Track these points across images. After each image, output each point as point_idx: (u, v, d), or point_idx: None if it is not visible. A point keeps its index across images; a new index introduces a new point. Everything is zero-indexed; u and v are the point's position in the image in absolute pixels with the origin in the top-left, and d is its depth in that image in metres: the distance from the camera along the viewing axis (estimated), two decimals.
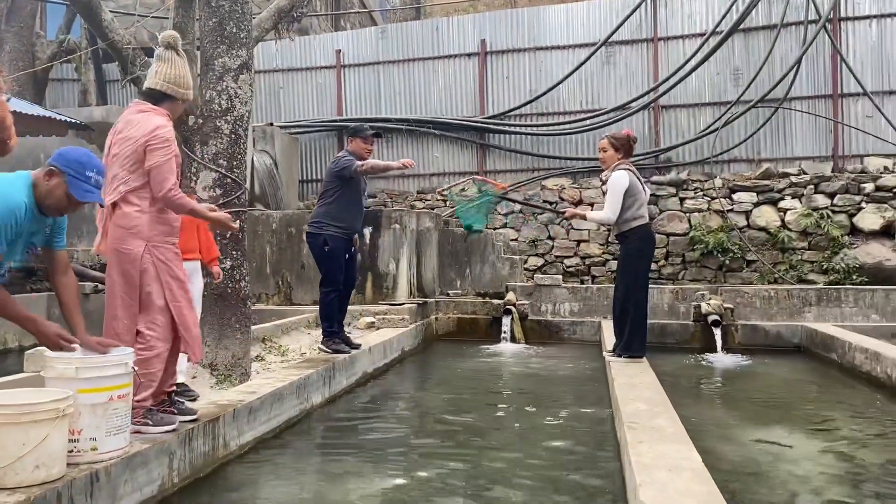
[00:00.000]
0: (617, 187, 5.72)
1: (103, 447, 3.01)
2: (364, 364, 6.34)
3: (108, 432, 3.03)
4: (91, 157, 3.19)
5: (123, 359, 3.16)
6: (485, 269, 10.61)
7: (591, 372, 6.71)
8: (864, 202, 10.84)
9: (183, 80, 3.76)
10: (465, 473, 3.78)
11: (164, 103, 3.71)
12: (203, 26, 5.34)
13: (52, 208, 3.08)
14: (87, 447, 2.98)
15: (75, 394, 2.92)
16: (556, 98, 12.65)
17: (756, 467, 3.82)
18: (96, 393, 3.03)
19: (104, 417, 3.02)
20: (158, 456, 3.30)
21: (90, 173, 3.12)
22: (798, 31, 11.61)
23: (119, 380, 3.11)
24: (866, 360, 6.30)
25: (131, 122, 3.60)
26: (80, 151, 3.19)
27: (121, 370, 3.13)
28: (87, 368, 3.03)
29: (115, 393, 3.09)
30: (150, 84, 3.74)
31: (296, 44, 13.96)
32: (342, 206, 5.96)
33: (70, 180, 3.06)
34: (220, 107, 5.19)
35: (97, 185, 3.16)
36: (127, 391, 3.16)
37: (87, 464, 2.93)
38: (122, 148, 3.56)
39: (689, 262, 11.38)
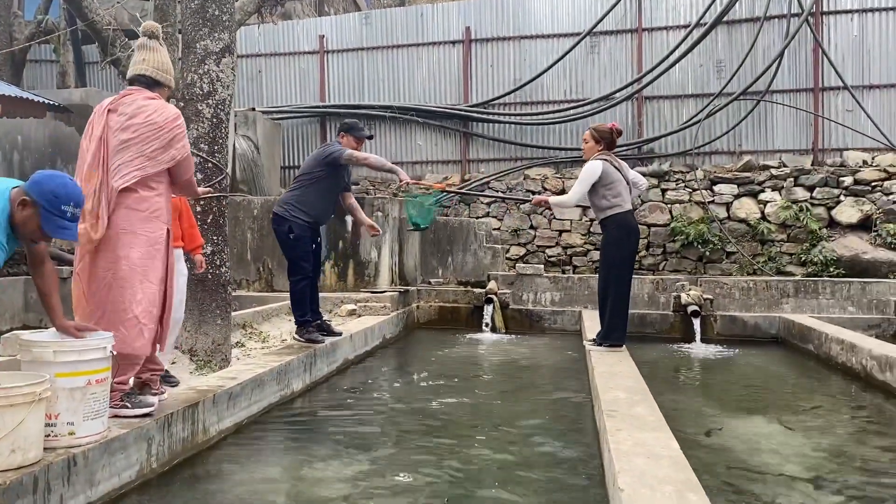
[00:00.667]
0: (585, 174, 5.85)
1: (81, 432, 2.99)
2: (345, 351, 6.33)
3: (86, 417, 3.01)
4: (68, 187, 2.95)
5: (102, 343, 3.13)
6: (467, 257, 10.62)
7: (571, 361, 6.75)
8: (843, 195, 10.96)
9: (168, 68, 3.81)
10: (443, 459, 3.80)
11: (156, 89, 3.71)
12: (185, 9, 5.27)
13: (26, 238, 2.96)
14: (65, 431, 2.95)
15: (53, 377, 2.90)
16: (540, 87, 12.65)
17: (733, 455, 3.87)
18: (74, 377, 3.00)
19: (82, 402, 3.00)
20: (137, 441, 3.28)
21: (66, 207, 2.91)
22: (781, 24, 11.67)
23: (97, 364, 3.09)
24: (842, 352, 6.39)
25: (144, 108, 3.57)
26: (56, 181, 2.93)
27: (99, 354, 3.10)
28: (64, 352, 3.00)
29: (94, 377, 3.06)
30: (140, 71, 3.73)
31: (279, 28, 13.84)
32: (317, 195, 5.82)
33: (43, 214, 2.87)
34: (202, 90, 5.13)
35: (73, 219, 2.96)
36: (105, 375, 3.14)
37: (64, 448, 2.91)
38: (138, 133, 3.53)
39: (670, 253, 11.46)
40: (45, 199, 2.88)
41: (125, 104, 3.61)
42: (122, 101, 3.64)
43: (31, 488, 2.63)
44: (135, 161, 3.51)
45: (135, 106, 3.59)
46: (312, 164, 5.91)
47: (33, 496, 2.64)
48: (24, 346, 3.06)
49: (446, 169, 13.13)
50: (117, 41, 6.09)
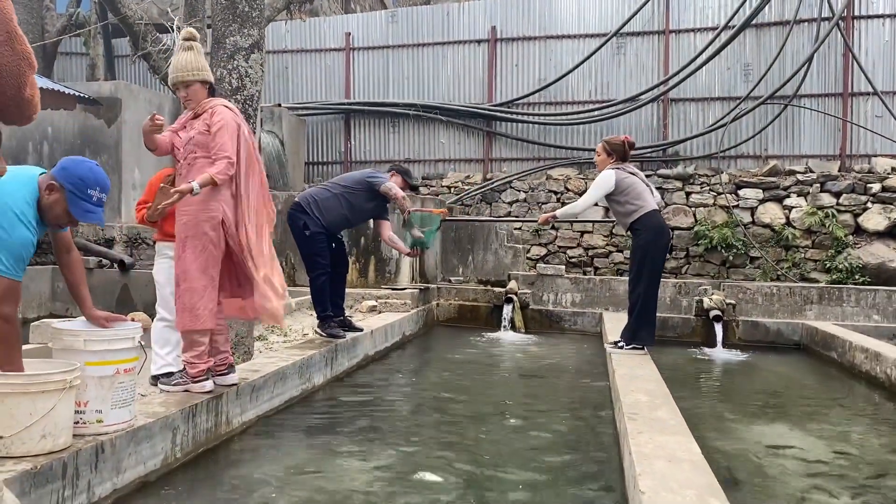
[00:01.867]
0: (597, 184, 5.92)
1: (108, 419, 3.04)
2: (366, 346, 6.37)
3: (114, 405, 3.06)
4: (95, 172, 3.02)
5: (130, 333, 3.18)
6: (487, 256, 10.63)
7: (591, 362, 6.73)
8: (870, 202, 10.82)
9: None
10: (461, 456, 3.81)
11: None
12: (215, 4, 5.32)
13: (52, 223, 3.02)
14: (93, 419, 3.01)
15: (82, 366, 2.95)
16: (565, 87, 12.61)
17: (755, 461, 3.85)
18: (103, 366, 3.06)
19: (110, 390, 3.05)
20: (162, 430, 3.33)
21: (92, 191, 2.98)
22: (810, 28, 11.54)
23: (125, 353, 3.14)
24: (866, 360, 6.32)
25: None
26: (84, 167, 3.01)
27: (128, 344, 3.15)
28: (94, 341, 3.06)
29: (122, 367, 3.12)
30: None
31: (306, 25, 13.91)
32: (342, 206, 5.93)
33: (70, 197, 2.94)
34: (231, 86, 5.18)
35: (99, 203, 3.03)
36: (133, 365, 3.19)
37: (92, 435, 2.96)
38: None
39: (693, 257, 11.38)
40: (72, 183, 2.94)
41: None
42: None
43: (60, 473, 2.68)
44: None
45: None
46: (354, 180, 6.09)
47: (62, 481, 2.69)
48: (56, 335, 3.12)
49: (468, 168, 13.14)
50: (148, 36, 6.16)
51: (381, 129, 13.49)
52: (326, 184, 6.16)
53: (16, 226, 2.79)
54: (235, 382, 4.01)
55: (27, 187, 2.90)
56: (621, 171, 5.89)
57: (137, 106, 10.75)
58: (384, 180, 5.96)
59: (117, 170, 10.43)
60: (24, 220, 2.83)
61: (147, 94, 11.27)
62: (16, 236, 2.78)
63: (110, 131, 10.53)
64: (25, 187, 2.90)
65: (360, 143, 13.62)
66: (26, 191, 2.89)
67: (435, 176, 13.16)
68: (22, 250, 2.82)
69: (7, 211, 2.79)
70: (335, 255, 6.03)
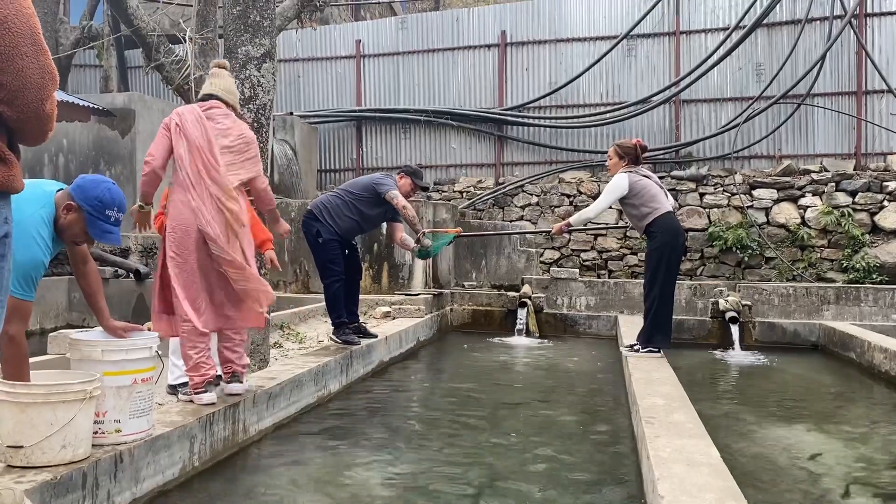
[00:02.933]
0: (611, 188, 5.86)
1: (127, 429, 3.06)
2: (380, 353, 6.38)
3: (132, 415, 3.08)
4: (112, 192, 3.03)
5: (148, 343, 3.20)
6: (500, 261, 10.62)
7: (606, 366, 6.70)
8: (887, 201, 10.74)
9: (234, 91, 4.15)
10: (478, 464, 3.81)
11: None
12: (226, 14, 5.36)
13: (69, 241, 3.04)
14: (112, 429, 3.02)
15: (101, 376, 2.97)
16: (576, 90, 12.61)
17: (774, 463, 3.82)
18: (121, 376, 3.07)
19: (128, 400, 3.07)
20: (180, 439, 3.34)
21: (110, 211, 2.99)
22: (822, 26, 11.49)
23: (143, 363, 3.16)
24: (885, 360, 6.25)
25: (238, 123, 3.97)
26: (101, 187, 3.01)
27: (145, 354, 3.17)
28: (112, 351, 3.07)
29: (140, 376, 3.13)
30: (210, 91, 4.01)
31: (317, 33, 14.00)
32: (353, 213, 5.93)
33: (88, 218, 2.94)
34: (243, 95, 5.21)
35: (117, 223, 3.04)
36: (150, 374, 3.21)
37: (111, 445, 2.98)
38: (235, 143, 3.89)
39: (708, 258, 11.33)
40: (91, 205, 2.95)
41: (218, 114, 3.90)
42: (213, 111, 3.90)
43: (80, 484, 2.70)
44: (233, 166, 3.84)
45: (231, 119, 3.94)
46: (363, 186, 6.03)
47: (82, 491, 2.71)
48: (74, 345, 3.14)
49: (480, 172, 13.15)
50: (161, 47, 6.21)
51: (393, 136, 13.54)
52: (337, 190, 6.17)
53: (31, 247, 2.81)
54: (237, 392, 3.93)
55: (45, 207, 2.91)
56: (634, 175, 5.86)
57: (151, 116, 10.83)
58: (390, 187, 5.92)
59: (132, 180, 10.51)
60: (39, 240, 2.84)
61: (160, 104, 11.36)
62: (28, 257, 2.80)
63: (124, 142, 10.62)
64: (43, 207, 2.91)
65: (371, 150, 13.66)
66: (44, 211, 2.90)
67: (447, 181, 13.18)
68: (32, 271, 2.83)
69: (24, 231, 2.81)
70: (349, 262, 6.04)
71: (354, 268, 6.20)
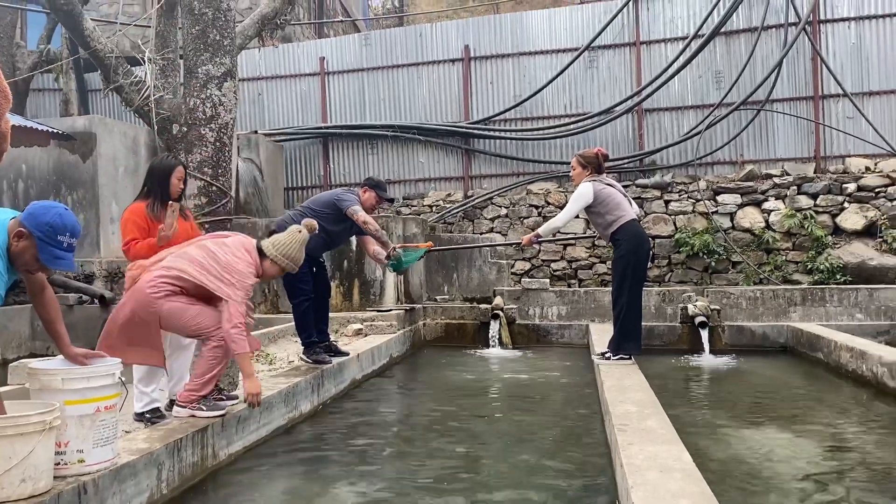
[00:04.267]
0: (577, 197, 5.93)
1: (90, 459, 2.98)
2: (352, 371, 6.31)
3: (96, 444, 3.00)
4: (64, 217, 2.93)
5: (110, 369, 3.13)
6: (472, 274, 10.62)
7: (579, 375, 6.72)
8: (847, 202, 10.95)
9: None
10: (455, 479, 3.77)
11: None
12: (186, 34, 5.31)
13: (22, 269, 2.94)
14: (74, 459, 2.94)
15: (62, 405, 2.89)
16: (540, 102, 12.70)
17: (746, 467, 3.84)
18: (83, 404, 3.00)
19: (91, 429, 2.99)
20: (147, 467, 3.27)
21: (62, 237, 2.89)
22: (778, 33, 11.73)
23: (106, 391, 3.08)
24: (852, 359, 6.35)
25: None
26: (52, 213, 2.91)
27: (107, 381, 3.10)
28: (73, 379, 3.00)
29: (102, 404, 3.06)
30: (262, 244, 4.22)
31: (279, 51, 13.95)
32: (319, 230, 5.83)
33: (39, 244, 2.85)
34: (205, 114, 5.16)
35: (69, 249, 2.94)
36: (114, 402, 3.13)
37: (74, 476, 2.90)
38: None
39: (676, 264, 11.44)
40: (41, 231, 2.86)
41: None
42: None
43: None
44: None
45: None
46: (324, 202, 5.91)
47: None
48: (33, 375, 3.06)
49: (448, 186, 13.16)
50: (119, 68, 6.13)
51: (360, 151, 13.51)
52: (299, 207, 6.06)
53: None
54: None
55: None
56: (598, 183, 5.94)
57: (112, 139, 10.68)
58: (351, 202, 5.80)
59: (94, 204, 10.34)
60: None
61: (122, 126, 11.21)
62: None
63: (86, 166, 10.45)
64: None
65: (338, 167, 13.61)
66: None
67: (416, 195, 13.18)
68: None
69: None
70: (317, 280, 5.96)
71: (323, 286, 6.13)
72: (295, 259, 4.24)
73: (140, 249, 4.36)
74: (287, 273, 5.76)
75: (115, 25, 12.32)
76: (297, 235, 4.29)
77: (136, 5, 15.33)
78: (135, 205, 4.48)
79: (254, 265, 4.05)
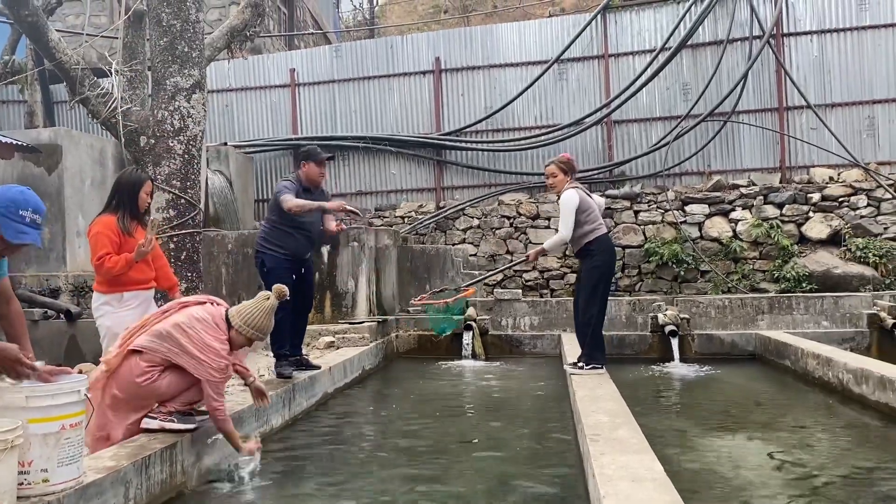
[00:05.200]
0: (568, 206, 5.83)
1: (55, 478, 2.91)
2: (324, 384, 6.27)
3: (61, 462, 2.93)
4: (26, 194, 2.93)
5: (75, 386, 3.06)
6: (444, 284, 10.60)
7: (552, 385, 6.74)
8: (812, 211, 11.17)
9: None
10: (429, 493, 3.76)
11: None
12: (154, 46, 5.27)
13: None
14: (39, 479, 2.87)
15: (25, 423, 2.82)
16: (511, 114, 12.78)
17: (717, 474, 3.88)
18: (47, 422, 2.93)
19: (56, 447, 2.92)
20: (114, 485, 3.20)
21: (24, 212, 2.88)
22: (743, 46, 11.95)
23: (71, 408, 3.02)
24: (818, 366, 6.45)
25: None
26: (14, 189, 2.92)
27: (73, 398, 3.03)
28: (37, 397, 2.93)
29: (68, 422, 2.99)
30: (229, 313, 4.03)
31: (249, 63, 13.87)
32: (281, 232, 5.73)
33: (2, 220, 2.84)
34: (173, 126, 5.12)
35: (33, 225, 2.92)
36: (79, 419, 3.07)
37: (38, 496, 2.83)
38: None
39: (645, 274, 11.55)
40: (2, 206, 2.85)
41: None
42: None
43: None
44: None
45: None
46: (273, 206, 5.83)
47: None
48: None
49: (421, 197, 13.17)
50: (86, 80, 6.05)
51: (331, 163, 13.44)
52: (265, 219, 6.02)
53: None
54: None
55: None
56: (580, 191, 5.96)
57: (79, 152, 10.53)
58: (281, 191, 5.63)
59: (60, 217, 10.17)
60: None
61: (89, 139, 11.06)
62: None
63: (51, 179, 10.28)
64: None
65: None
66: None
67: (388, 207, 13.17)
68: None
69: None
70: (298, 287, 5.63)
71: (302, 296, 5.86)
72: (262, 328, 4.01)
73: (116, 264, 4.32)
74: (266, 282, 5.65)
75: (81, 37, 12.18)
76: (264, 303, 4.05)
77: (102, 16, 15.18)
78: (106, 218, 4.44)
79: (226, 340, 3.91)
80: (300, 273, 5.87)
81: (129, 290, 4.50)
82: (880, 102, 11.55)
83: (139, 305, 4.61)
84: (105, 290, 4.53)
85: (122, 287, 4.46)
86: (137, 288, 4.57)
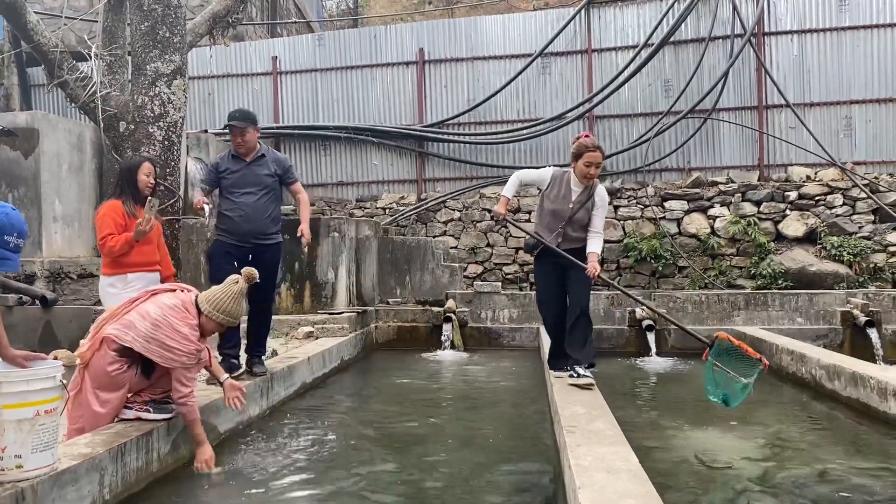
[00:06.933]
0: (605, 205, 5.38)
1: (29, 464, 2.89)
2: (303, 374, 6.26)
3: (35, 449, 2.91)
4: (11, 217, 2.85)
5: (51, 372, 3.04)
6: (425, 276, 10.61)
7: (530, 377, 6.78)
8: (789, 209, 11.30)
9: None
10: (405, 482, 3.77)
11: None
12: (134, 30, 5.21)
13: None
14: (12, 465, 2.85)
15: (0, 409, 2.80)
16: (493, 107, 12.79)
17: (692, 467, 3.93)
18: (21, 408, 2.90)
19: (30, 433, 2.90)
20: (89, 472, 3.18)
21: (8, 237, 2.82)
22: (725, 44, 12.03)
23: (46, 394, 2.99)
24: (792, 362, 6.55)
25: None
26: (0, 212, 2.83)
27: (48, 384, 3.01)
28: (12, 382, 2.90)
29: (42, 408, 2.97)
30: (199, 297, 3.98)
31: (231, 50, 13.75)
32: (221, 216, 5.31)
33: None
34: (153, 112, 5.08)
35: (16, 250, 2.87)
36: (54, 406, 3.04)
37: (11, 482, 2.81)
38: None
39: (624, 269, 11.63)
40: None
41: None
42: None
43: None
44: None
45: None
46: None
47: None
48: None
49: (402, 188, 13.15)
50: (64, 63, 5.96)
51: (312, 153, 13.40)
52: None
53: None
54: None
55: None
56: None
57: (56, 136, 10.38)
58: (196, 174, 5.25)
59: (36, 202, 10.02)
60: None
61: (66, 123, 10.90)
62: None
63: (28, 163, 10.13)
64: None
65: None
66: None
67: (369, 198, 13.13)
68: None
69: None
70: (262, 270, 4.58)
71: (255, 286, 4.33)
72: (231, 313, 3.91)
73: (116, 244, 4.38)
74: (209, 263, 5.29)
75: (60, 19, 12.00)
76: (233, 287, 3.97)
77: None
78: (112, 202, 4.61)
79: (196, 326, 3.84)
80: (246, 259, 5.06)
81: (134, 272, 4.51)
82: (858, 103, 11.70)
83: (144, 287, 4.58)
84: (110, 271, 4.53)
85: (127, 268, 4.49)
86: (142, 269, 4.57)
